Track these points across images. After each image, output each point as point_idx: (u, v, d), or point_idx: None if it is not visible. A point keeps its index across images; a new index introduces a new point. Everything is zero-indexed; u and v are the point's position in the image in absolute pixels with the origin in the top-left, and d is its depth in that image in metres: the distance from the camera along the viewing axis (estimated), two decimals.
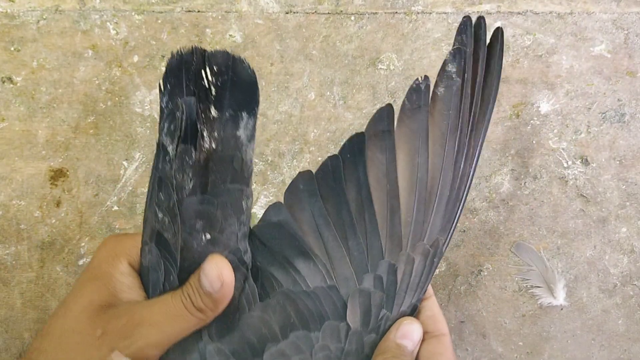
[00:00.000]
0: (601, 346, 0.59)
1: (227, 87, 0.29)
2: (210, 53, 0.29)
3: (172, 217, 0.29)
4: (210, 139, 0.29)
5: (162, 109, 0.29)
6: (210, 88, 0.29)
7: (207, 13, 0.56)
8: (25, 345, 0.57)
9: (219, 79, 0.29)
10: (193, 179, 0.28)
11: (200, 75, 0.29)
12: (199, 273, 0.28)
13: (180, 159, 0.28)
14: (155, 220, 0.29)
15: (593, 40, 0.57)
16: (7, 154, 0.56)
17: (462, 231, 0.58)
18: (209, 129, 0.29)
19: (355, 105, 0.57)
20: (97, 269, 0.31)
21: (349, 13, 0.57)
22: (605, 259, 0.58)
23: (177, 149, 0.28)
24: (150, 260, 0.30)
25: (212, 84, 0.29)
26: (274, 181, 0.57)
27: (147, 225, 0.30)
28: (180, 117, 0.28)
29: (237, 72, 0.29)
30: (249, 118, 0.30)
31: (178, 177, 0.28)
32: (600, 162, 0.57)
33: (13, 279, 0.57)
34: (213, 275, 0.27)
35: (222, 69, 0.29)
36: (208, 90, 0.29)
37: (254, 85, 0.30)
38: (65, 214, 0.57)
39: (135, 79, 0.56)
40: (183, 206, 0.29)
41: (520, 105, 0.57)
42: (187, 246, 0.29)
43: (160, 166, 0.29)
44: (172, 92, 0.29)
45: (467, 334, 0.58)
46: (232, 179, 0.29)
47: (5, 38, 0.56)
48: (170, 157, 0.28)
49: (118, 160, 0.57)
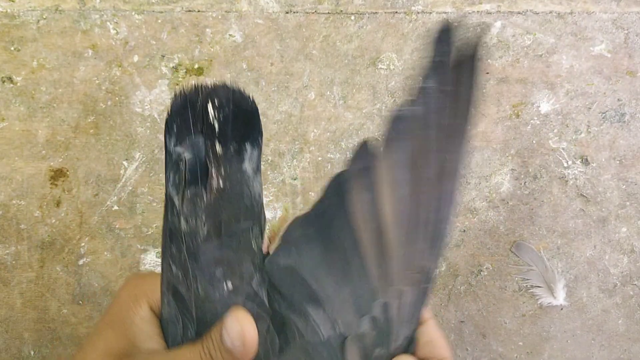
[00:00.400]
0: (601, 346, 0.59)
1: (229, 120, 0.28)
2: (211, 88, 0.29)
3: (184, 271, 0.28)
4: (217, 177, 0.28)
5: (170, 152, 0.28)
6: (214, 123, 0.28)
7: (207, 13, 0.56)
8: (25, 345, 0.57)
9: (221, 113, 0.28)
10: (207, 223, 0.28)
11: (207, 111, 0.28)
12: (220, 328, 0.27)
13: (192, 203, 0.27)
14: (170, 273, 0.28)
15: (593, 40, 0.57)
16: (7, 153, 0.56)
17: (462, 231, 0.58)
18: (216, 166, 0.28)
19: (355, 105, 0.57)
20: (117, 314, 0.30)
21: (349, 13, 0.57)
22: (605, 258, 0.58)
23: (184, 200, 0.27)
24: (169, 312, 0.29)
25: (215, 119, 0.28)
26: (274, 181, 0.57)
27: (164, 275, 0.29)
28: (184, 169, 0.27)
29: (237, 104, 0.29)
30: (252, 149, 0.29)
31: (191, 222, 0.27)
32: (600, 162, 0.57)
33: (13, 279, 0.57)
34: (235, 332, 0.26)
35: (223, 102, 0.28)
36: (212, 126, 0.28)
37: (256, 115, 0.29)
38: (65, 213, 0.57)
39: (135, 79, 0.56)
40: (200, 253, 0.28)
41: (520, 105, 0.57)
42: (208, 297, 0.28)
43: (169, 218, 0.28)
44: (179, 133, 0.28)
45: (467, 334, 0.58)
46: (244, 217, 0.28)
47: (5, 38, 0.56)
48: (178, 210, 0.28)
49: (118, 160, 0.57)
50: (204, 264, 0.28)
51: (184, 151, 0.28)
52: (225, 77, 0.57)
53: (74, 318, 0.57)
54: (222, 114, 0.28)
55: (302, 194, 0.57)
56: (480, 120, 0.57)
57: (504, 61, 0.57)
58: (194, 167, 0.28)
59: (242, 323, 0.26)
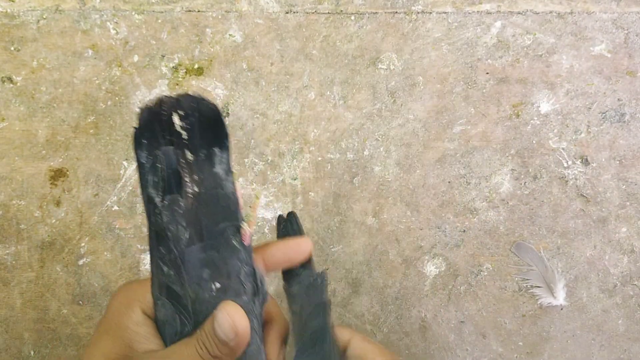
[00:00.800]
0: (601, 346, 0.59)
1: (195, 127, 0.30)
2: (176, 99, 0.30)
3: (176, 270, 0.29)
4: (192, 183, 0.29)
5: (142, 164, 0.30)
6: (182, 132, 0.30)
7: (207, 13, 0.56)
8: (25, 345, 0.57)
9: (188, 122, 0.30)
10: (188, 228, 0.29)
11: (172, 122, 0.30)
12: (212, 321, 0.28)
13: (170, 210, 0.29)
14: (162, 274, 0.29)
15: (593, 40, 0.57)
16: (7, 153, 0.56)
17: (462, 231, 0.58)
18: (190, 173, 0.29)
19: (355, 105, 0.57)
20: (111, 321, 0.31)
21: (349, 13, 0.57)
22: (605, 258, 0.58)
23: (164, 201, 0.29)
24: (165, 314, 0.30)
25: (183, 129, 0.30)
26: (274, 181, 0.57)
27: (155, 279, 0.31)
28: (161, 167, 0.29)
29: (201, 111, 0.30)
30: (221, 152, 0.30)
31: (172, 229, 0.29)
32: (600, 162, 0.57)
33: (13, 279, 0.57)
34: (226, 325, 0.27)
35: (188, 111, 0.30)
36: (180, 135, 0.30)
37: (219, 118, 0.31)
38: (65, 213, 0.57)
39: (135, 79, 0.56)
40: (185, 257, 0.29)
41: (520, 105, 0.57)
42: (198, 298, 0.29)
43: (153, 219, 0.30)
44: (149, 145, 0.30)
45: (467, 334, 0.58)
46: (222, 218, 0.30)
47: (5, 38, 0.56)
48: (159, 210, 0.29)
49: (118, 160, 0.57)
50: (189, 267, 0.29)
51: (156, 161, 0.29)
52: (225, 77, 0.57)
53: (74, 318, 0.57)
54: (188, 122, 0.30)
55: (302, 194, 0.57)
56: (480, 120, 0.57)
57: (504, 61, 0.57)
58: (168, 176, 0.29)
59: (232, 315, 0.27)
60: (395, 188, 0.58)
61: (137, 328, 0.30)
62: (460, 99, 0.57)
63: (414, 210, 0.58)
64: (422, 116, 0.57)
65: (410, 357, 0.59)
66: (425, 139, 0.57)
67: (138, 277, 0.58)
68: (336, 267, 0.58)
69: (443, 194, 0.58)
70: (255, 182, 0.57)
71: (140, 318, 0.31)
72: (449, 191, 0.58)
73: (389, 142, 0.57)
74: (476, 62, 0.57)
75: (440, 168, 0.57)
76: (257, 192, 0.57)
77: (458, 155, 0.57)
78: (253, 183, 0.57)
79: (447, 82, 0.57)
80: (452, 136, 0.57)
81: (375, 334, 0.59)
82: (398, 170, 0.57)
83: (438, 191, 0.58)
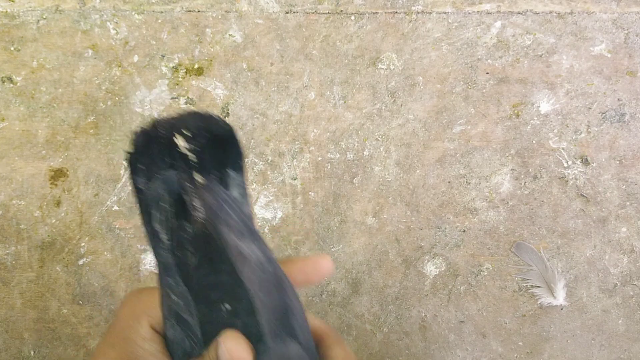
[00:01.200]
0: (601, 346, 0.59)
1: (206, 149, 0.27)
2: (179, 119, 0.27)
3: (185, 301, 0.28)
4: (203, 207, 0.27)
5: (140, 190, 0.27)
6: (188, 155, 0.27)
7: (207, 13, 0.56)
8: (25, 345, 0.57)
9: (196, 143, 0.27)
10: (197, 253, 0.27)
11: (174, 144, 0.27)
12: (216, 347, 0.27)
13: (177, 237, 0.27)
14: (171, 302, 0.28)
15: (593, 40, 0.57)
16: (7, 153, 0.56)
17: (462, 231, 0.58)
18: (199, 197, 0.27)
19: (355, 105, 0.57)
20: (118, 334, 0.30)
21: (349, 13, 0.57)
22: (605, 258, 0.58)
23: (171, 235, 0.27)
24: (174, 334, 0.29)
25: (190, 150, 0.27)
26: (274, 181, 0.57)
27: (164, 302, 0.29)
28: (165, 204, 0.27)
29: (212, 131, 0.27)
30: (237, 174, 0.28)
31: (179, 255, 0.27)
32: (600, 162, 0.57)
33: (13, 279, 0.57)
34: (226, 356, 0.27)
35: (195, 131, 0.27)
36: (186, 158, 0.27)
37: (233, 138, 0.28)
38: (65, 213, 0.57)
39: (135, 79, 0.56)
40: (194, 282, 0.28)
41: (520, 105, 0.57)
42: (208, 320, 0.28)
43: (159, 252, 0.28)
44: (148, 170, 0.27)
45: (467, 334, 0.58)
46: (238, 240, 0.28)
47: (5, 38, 0.56)
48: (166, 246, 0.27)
49: (118, 160, 0.57)
50: (197, 290, 0.28)
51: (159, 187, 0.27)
52: (225, 77, 0.57)
53: (74, 318, 0.57)
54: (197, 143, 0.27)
55: (302, 194, 0.57)
56: (480, 120, 0.57)
57: (504, 61, 0.57)
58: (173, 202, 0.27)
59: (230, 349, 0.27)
60: (395, 188, 0.58)
61: (144, 344, 0.29)
62: (460, 99, 0.57)
63: (414, 210, 0.58)
64: (422, 116, 0.57)
65: (410, 357, 0.59)
66: (425, 139, 0.57)
67: (138, 277, 0.58)
68: (336, 267, 0.58)
69: (443, 194, 0.58)
70: (256, 182, 0.57)
71: (148, 333, 0.30)
72: (449, 191, 0.58)
73: (389, 142, 0.57)
74: (476, 62, 0.57)
75: (440, 168, 0.57)
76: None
77: (458, 155, 0.57)
78: (253, 183, 0.57)
79: (447, 82, 0.57)
80: (452, 136, 0.57)
81: (375, 334, 0.59)
82: (398, 170, 0.57)
83: (438, 191, 0.58)
